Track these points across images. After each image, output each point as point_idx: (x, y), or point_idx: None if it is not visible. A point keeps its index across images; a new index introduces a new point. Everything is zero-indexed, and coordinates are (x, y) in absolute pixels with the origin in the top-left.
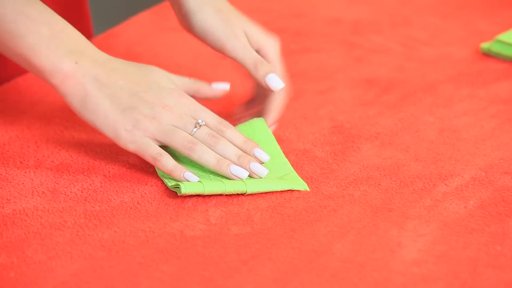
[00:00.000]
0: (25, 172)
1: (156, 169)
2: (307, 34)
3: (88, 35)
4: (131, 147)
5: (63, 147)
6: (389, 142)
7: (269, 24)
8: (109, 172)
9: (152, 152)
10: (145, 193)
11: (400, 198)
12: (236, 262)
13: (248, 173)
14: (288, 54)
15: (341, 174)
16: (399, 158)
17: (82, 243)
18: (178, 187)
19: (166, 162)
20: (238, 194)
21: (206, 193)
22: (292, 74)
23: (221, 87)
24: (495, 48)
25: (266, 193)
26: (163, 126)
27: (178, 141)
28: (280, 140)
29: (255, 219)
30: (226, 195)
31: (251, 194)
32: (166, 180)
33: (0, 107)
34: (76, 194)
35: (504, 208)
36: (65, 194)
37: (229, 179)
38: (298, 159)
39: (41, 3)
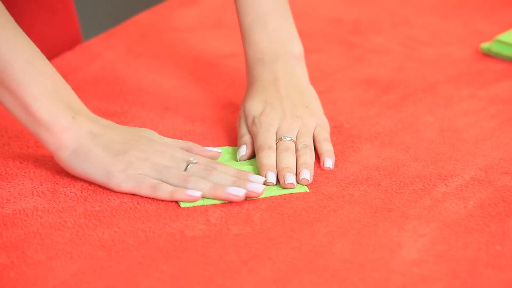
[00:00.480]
0: (25, 172)
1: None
2: (307, 34)
3: (76, 39)
4: (125, 185)
5: None
6: (389, 142)
7: None
8: None
9: (149, 182)
10: None
11: (400, 198)
12: (236, 262)
13: (245, 191)
14: None
15: (341, 174)
16: (399, 158)
17: (82, 243)
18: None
19: (166, 187)
20: None
21: (206, 204)
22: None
23: (213, 150)
24: (495, 48)
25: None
26: (156, 165)
27: (172, 176)
28: None
29: (255, 219)
30: None
31: None
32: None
33: (0, 107)
34: (76, 194)
35: (504, 208)
36: (65, 194)
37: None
38: None
39: (45, 58)
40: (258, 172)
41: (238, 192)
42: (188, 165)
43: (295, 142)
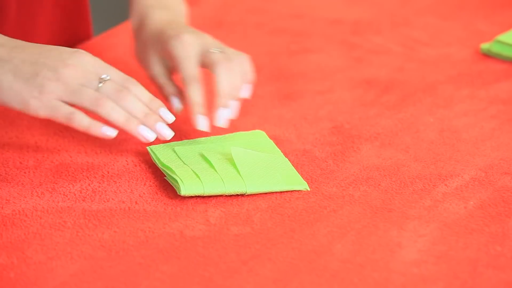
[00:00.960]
0: (25, 173)
1: (154, 160)
2: (307, 34)
3: (87, 35)
4: (42, 112)
5: (62, 147)
6: (389, 142)
7: (269, 24)
8: (108, 172)
9: (64, 112)
10: (144, 193)
11: (400, 198)
12: (236, 262)
13: (155, 136)
14: (288, 55)
15: (341, 175)
16: (399, 158)
17: (82, 243)
18: (178, 186)
19: (81, 120)
20: (237, 195)
21: (206, 194)
22: (292, 74)
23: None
24: (495, 48)
25: (265, 193)
26: (68, 86)
27: (85, 99)
28: (280, 140)
29: (255, 220)
30: (226, 195)
31: (250, 195)
32: (166, 171)
33: (0, 107)
34: (75, 195)
35: (504, 209)
36: (64, 195)
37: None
38: (298, 160)
39: None
40: (267, 144)
41: (148, 135)
42: (100, 83)
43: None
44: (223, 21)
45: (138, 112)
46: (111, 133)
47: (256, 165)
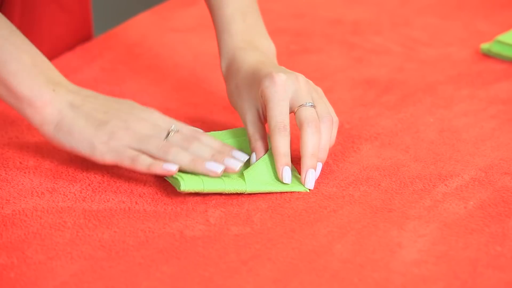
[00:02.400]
0: (25, 173)
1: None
2: (307, 34)
3: (88, 36)
4: (108, 157)
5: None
6: (389, 142)
7: (269, 24)
8: (108, 172)
9: (129, 155)
10: (144, 193)
11: (400, 198)
12: (236, 262)
13: (223, 167)
14: (288, 55)
15: (341, 175)
16: (399, 158)
17: (82, 243)
18: (177, 181)
19: (144, 160)
20: (237, 194)
21: (205, 191)
22: None
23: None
24: (495, 48)
25: (265, 193)
26: (137, 134)
27: (153, 146)
28: None
29: (255, 220)
30: (226, 195)
31: (250, 195)
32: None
33: (0, 108)
34: (75, 195)
35: (504, 209)
36: (64, 195)
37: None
38: (298, 160)
39: (22, 34)
40: (245, 146)
41: (216, 168)
42: (169, 134)
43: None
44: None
45: (205, 154)
46: (172, 167)
47: (257, 165)
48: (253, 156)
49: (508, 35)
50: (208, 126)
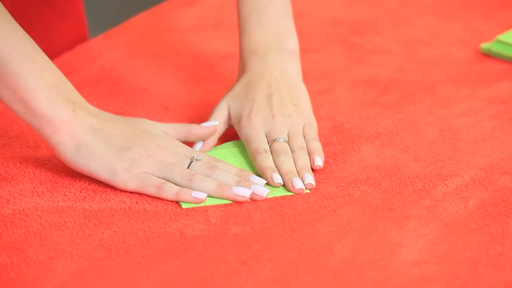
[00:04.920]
0: (25, 173)
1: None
2: (307, 34)
3: (83, 37)
4: (131, 184)
5: None
6: (389, 142)
7: None
8: None
9: (154, 182)
10: None
11: (400, 198)
12: (236, 262)
13: (251, 191)
14: None
15: (341, 174)
16: (399, 158)
17: (82, 243)
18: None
19: (171, 187)
20: None
21: (207, 204)
22: None
23: (211, 124)
24: (495, 48)
25: None
26: (160, 162)
27: (177, 174)
28: None
29: (255, 219)
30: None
31: None
32: None
33: (0, 108)
34: (75, 194)
35: (504, 208)
36: (64, 194)
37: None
38: None
39: (43, 52)
40: (256, 172)
41: (244, 193)
42: (191, 162)
43: (288, 143)
44: (223, 21)
45: (230, 181)
46: (201, 195)
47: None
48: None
49: (508, 34)
50: None
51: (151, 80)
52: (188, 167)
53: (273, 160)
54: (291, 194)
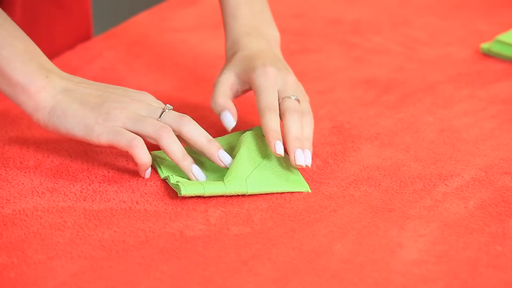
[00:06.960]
0: (25, 173)
1: (156, 168)
2: (307, 34)
3: (88, 35)
4: (103, 138)
5: (62, 147)
6: (389, 142)
7: None
8: (108, 172)
9: (127, 137)
10: (145, 193)
11: (400, 198)
12: (236, 262)
13: (206, 177)
14: (288, 55)
15: (341, 174)
16: (399, 158)
17: (82, 243)
18: (178, 187)
19: (143, 145)
20: (238, 195)
21: (206, 194)
22: None
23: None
24: (495, 48)
25: (266, 193)
26: (133, 114)
27: (149, 127)
28: None
29: (255, 220)
30: (226, 195)
31: (251, 195)
32: (169, 177)
33: (0, 108)
34: (75, 194)
35: (504, 208)
36: (64, 194)
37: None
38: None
39: (14, 22)
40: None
41: (200, 178)
42: (163, 112)
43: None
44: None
45: (199, 137)
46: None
47: (258, 166)
48: (227, 115)
49: (508, 34)
50: (208, 126)
51: (151, 80)
52: (160, 117)
53: (282, 116)
54: (289, 191)
